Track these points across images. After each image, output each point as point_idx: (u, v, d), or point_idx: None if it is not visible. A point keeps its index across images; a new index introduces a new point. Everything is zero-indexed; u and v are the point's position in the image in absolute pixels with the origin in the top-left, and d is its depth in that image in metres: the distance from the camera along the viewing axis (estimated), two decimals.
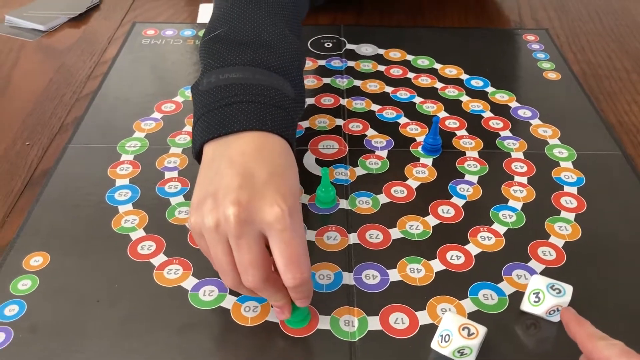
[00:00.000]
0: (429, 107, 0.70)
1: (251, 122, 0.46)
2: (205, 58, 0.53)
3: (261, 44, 0.53)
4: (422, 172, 0.61)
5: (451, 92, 0.72)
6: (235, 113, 0.47)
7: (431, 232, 0.54)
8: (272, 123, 0.47)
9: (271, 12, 0.56)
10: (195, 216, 0.44)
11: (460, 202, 0.57)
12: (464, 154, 0.63)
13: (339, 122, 0.67)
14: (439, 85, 0.73)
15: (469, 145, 0.64)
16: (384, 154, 0.63)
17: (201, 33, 0.83)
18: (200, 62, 0.54)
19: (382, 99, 0.71)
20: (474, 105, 0.70)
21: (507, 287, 0.50)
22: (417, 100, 0.71)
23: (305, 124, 0.67)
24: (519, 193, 0.58)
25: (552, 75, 0.76)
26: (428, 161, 0.62)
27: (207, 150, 0.47)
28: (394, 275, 0.51)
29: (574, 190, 0.59)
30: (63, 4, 0.89)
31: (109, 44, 0.82)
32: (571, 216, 0.56)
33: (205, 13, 0.88)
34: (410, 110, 0.69)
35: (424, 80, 0.74)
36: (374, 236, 0.54)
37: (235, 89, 0.48)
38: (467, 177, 0.60)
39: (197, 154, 0.49)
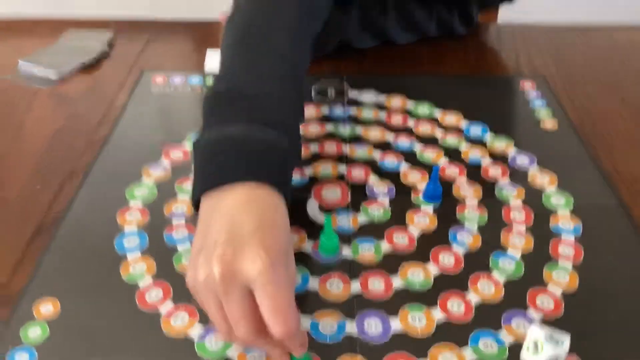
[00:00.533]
0: (429, 155, 0.71)
1: (245, 174, 0.48)
2: (206, 114, 0.55)
3: (260, 99, 0.55)
4: (423, 220, 0.62)
5: (451, 140, 0.74)
6: (230, 166, 0.49)
7: (432, 280, 0.56)
8: (266, 175, 0.49)
9: (272, 66, 0.58)
10: (190, 271, 0.46)
11: (460, 250, 0.59)
12: (463, 202, 0.65)
13: (342, 169, 0.69)
14: (438, 133, 0.75)
15: (469, 193, 0.66)
16: (386, 201, 0.64)
17: (208, 79, 0.85)
18: (202, 118, 0.56)
19: (384, 146, 0.73)
20: (472, 153, 0.72)
21: (506, 336, 0.51)
22: (418, 148, 0.73)
23: (308, 171, 0.68)
24: (517, 241, 0.60)
25: (550, 123, 0.77)
26: (429, 209, 0.64)
27: (203, 202, 0.49)
28: (396, 324, 0.52)
29: (571, 238, 0.60)
30: (74, 52, 0.92)
31: (119, 91, 0.84)
32: (569, 265, 0.57)
33: (212, 59, 0.90)
34: (410, 158, 0.71)
35: (424, 129, 0.76)
36: (377, 284, 0.55)
37: (233, 143, 0.51)
38: (467, 225, 0.62)
39: (195, 206, 0.51)
